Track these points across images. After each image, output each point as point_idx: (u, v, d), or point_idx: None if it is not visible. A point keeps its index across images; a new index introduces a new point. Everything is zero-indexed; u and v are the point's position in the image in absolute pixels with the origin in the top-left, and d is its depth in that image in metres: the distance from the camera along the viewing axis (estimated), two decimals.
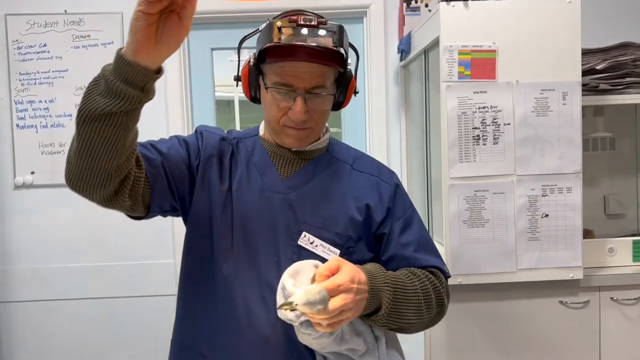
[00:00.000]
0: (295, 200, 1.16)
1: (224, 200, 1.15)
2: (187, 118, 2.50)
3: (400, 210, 1.21)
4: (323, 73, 1.10)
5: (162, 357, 1.13)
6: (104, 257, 2.48)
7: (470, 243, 1.84)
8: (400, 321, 1.09)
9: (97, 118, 0.91)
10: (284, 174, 1.19)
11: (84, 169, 0.95)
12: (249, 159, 1.20)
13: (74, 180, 0.98)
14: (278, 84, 1.10)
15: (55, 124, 2.44)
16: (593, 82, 1.98)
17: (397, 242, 1.18)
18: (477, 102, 1.81)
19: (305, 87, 1.09)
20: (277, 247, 1.13)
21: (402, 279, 1.11)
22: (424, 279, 1.15)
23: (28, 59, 2.42)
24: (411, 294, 1.10)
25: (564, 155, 1.84)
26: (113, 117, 0.91)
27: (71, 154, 0.97)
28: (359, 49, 1.24)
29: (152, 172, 1.09)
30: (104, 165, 0.94)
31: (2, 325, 2.49)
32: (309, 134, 1.17)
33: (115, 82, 0.91)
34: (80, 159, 0.95)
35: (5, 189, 2.47)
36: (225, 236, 1.13)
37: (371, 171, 1.24)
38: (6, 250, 2.48)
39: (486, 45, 1.80)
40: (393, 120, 2.51)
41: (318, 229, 1.14)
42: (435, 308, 1.17)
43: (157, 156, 1.11)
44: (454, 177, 1.83)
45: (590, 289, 1.92)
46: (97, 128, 0.91)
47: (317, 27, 1.06)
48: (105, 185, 0.97)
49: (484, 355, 1.93)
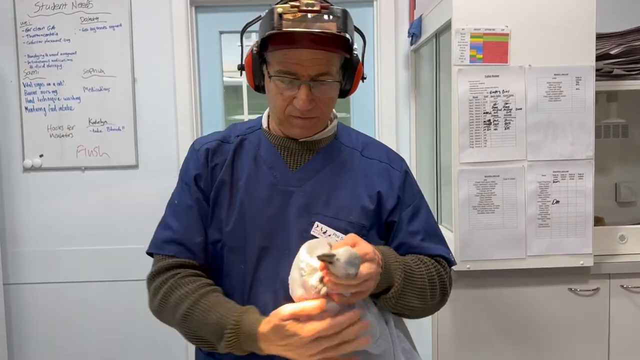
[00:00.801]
0: (307, 193, 1.14)
1: (234, 201, 1.14)
2: (195, 105, 2.49)
3: (409, 198, 1.20)
4: (328, 59, 1.07)
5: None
6: (112, 240, 2.49)
7: (479, 229, 1.82)
8: (405, 304, 1.09)
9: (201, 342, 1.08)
10: (293, 166, 1.17)
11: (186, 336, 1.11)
12: (256, 154, 1.17)
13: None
14: (281, 72, 1.07)
15: (63, 107, 2.44)
16: (607, 67, 1.95)
17: (406, 231, 1.18)
18: (489, 87, 1.79)
19: (309, 74, 1.06)
20: (290, 241, 1.12)
21: (410, 264, 1.11)
22: (430, 266, 1.15)
23: (36, 41, 2.42)
24: (418, 279, 1.11)
25: (576, 141, 1.81)
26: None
27: (171, 321, 1.12)
28: (368, 33, 1.22)
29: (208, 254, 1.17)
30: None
31: (12, 306, 2.51)
32: (315, 123, 1.14)
33: (234, 345, 1.02)
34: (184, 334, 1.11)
35: (15, 171, 2.48)
36: (237, 234, 1.12)
37: (381, 157, 1.22)
38: (15, 232, 2.49)
39: (499, 28, 1.78)
40: (403, 105, 2.48)
41: (330, 218, 1.13)
42: (438, 296, 1.17)
43: (201, 249, 1.15)
44: (464, 162, 1.81)
45: (601, 276, 1.90)
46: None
47: (320, 12, 1.02)
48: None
49: (492, 342, 1.92)
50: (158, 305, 1.11)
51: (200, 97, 2.55)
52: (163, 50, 2.45)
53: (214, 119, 2.56)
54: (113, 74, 2.43)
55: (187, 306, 1.06)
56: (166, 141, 2.45)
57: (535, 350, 1.92)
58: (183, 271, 1.11)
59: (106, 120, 2.44)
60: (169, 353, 2.49)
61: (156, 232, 1.18)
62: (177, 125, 2.46)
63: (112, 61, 2.43)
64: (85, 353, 2.53)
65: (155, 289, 1.12)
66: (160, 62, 2.45)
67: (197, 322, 1.05)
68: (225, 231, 1.12)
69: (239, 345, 1.01)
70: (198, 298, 1.06)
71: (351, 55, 1.12)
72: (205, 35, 2.54)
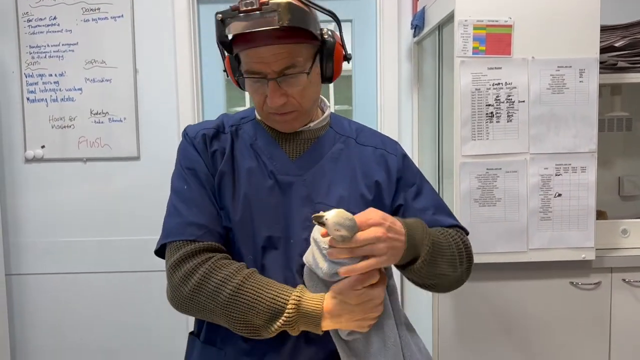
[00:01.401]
0: (308, 182, 1.14)
1: (238, 191, 1.13)
2: (196, 96, 2.48)
3: (410, 179, 1.21)
4: (290, 52, 1.04)
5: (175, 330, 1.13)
6: (114, 231, 2.49)
7: (481, 222, 1.82)
8: (436, 272, 1.10)
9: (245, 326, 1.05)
10: (292, 155, 1.16)
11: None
12: (253, 144, 1.17)
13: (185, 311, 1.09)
14: (248, 73, 1.07)
15: (65, 98, 2.44)
16: (611, 59, 1.93)
17: (414, 209, 1.18)
18: (492, 79, 1.78)
19: (274, 70, 1.04)
20: (294, 229, 1.12)
21: (436, 233, 1.11)
22: (455, 234, 1.17)
23: (38, 31, 2.41)
24: (446, 247, 1.11)
25: (579, 133, 1.80)
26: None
27: (210, 307, 1.05)
28: (371, 25, 1.21)
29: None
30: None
31: (13, 297, 2.52)
32: (296, 116, 1.13)
33: (291, 324, 1.02)
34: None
35: (16, 162, 2.48)
36: (245, 223, 1.11)
37: (376, 144, 1.22)
38: (17, 223, 2.50)
39: (502, 20, 1.76)
40: (405, 97, 2.47)
41: (333, 207, 1.12)
42: (466, 263, 1.18)
43: (223, 232, 1.13)
44: (466, 154, 1.80)
45: (602, 270, 1.89)
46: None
47: (261, 9, 1.00)
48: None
49: (493, 335, 1.92)
50: (192, 292, 1.04)
51: (201, 89, 2.54)
52: (165, 42, 2.44)
53: (216, 111, 2.55)
54: (115, 65, 2.43)
55: (233, 288, 1.02)
56: (168, 132, 2.45)
57: (536, 343, 1.92)
58: (218, 254, 1.07)
59: (108, 111, 2.44)
60: (171, 343, 2.50)
61: (167, 221, 1.12)
62: (178, 117, 2.46)
63: (114, 52, 2.42)
64: (87, 343, 2.54)
65: (186, 274, 1.04)
66: (162, 54, 2.44)
67: (246, 304, 1.01)
68: (235, 221, 1.11)
69: (295, 324, 1.02)
70: (244, 279, 1.03)
71: (322, 40, 1.10)
72: (207, 26, 2.53)
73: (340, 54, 1.13)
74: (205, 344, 1.16)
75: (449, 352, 1.92)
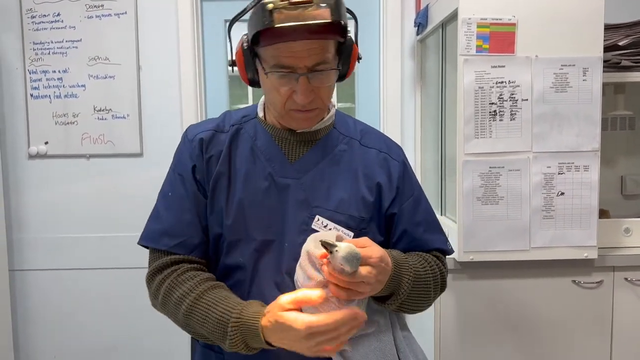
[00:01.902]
0: (307, 185, 1.12)
1: (232, 193, 1.12)
2: (199, 94, 2.48)
3: (409, 189, 1.19)
4: (323, 47, 1.03)
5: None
6: (117, 228, 2.50)
7: (483, 220, 1.82)
8: (409, 307, 1.11)
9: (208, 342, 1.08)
10: (291, 157, 1.14)
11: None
12: (252, 145, 1.15)
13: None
14: (277, 67, 1.03)
15: (68, 94, 2.44)
16: (615, 58, 1.93)
17: (408, 222, 1.17)
18: (495, 77, 1.78)
19: (306, 65, 1.02)
20: (290, 234, 1.10)
21: (419, 269, 1.11)
22: (434, 265, 1.17)
23: (42, 28, 2.41)
24: (423, 283, 1.12)
25: (582, 132, 1.80)
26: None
27: (176, 322, 1.10)
28: (374, 23, 1.20)
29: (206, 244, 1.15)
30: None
31: (16, 293, 2.53)
32: (317, 114, 1.12)
33: (238, 344, 1.00)
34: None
35: (20, 158, 2.49)
36: (237, 227, 1.10)
37: (380, 147, 1.20)
38: (20, 219, 2.51)
39: (506, 18, 1.76)
40: (408, 95, 2.47)
41: (331, 212, 1.11)
42: (439, 291, 1.20)
43: (197, 243, 1.13)
44: (469, 153, 1.80)
45: (605, 269, 1.89)
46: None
47: (312, 1, 0.97)
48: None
49: (494, 333, 1.92)
50: (160, 306, 1.10)
51: (205, 86, 2.54)
52: (168, 39, 2.44)
53: (219, 108, 2.55)
54: (118, 61, 2.43)
55: (187, 305, 1.03)
56: (171, 129, 2.45)
57: (537, 342, 1.92)
58: (182, 267, 1.08)
59: (111, 108, 2.45)
60: (173, 341, 2.50)
61: (148, 223, 1.16)
62: (181, 114, 2.46)
63: (117, 49, 2.42)
64: (89, 340, 2.54)
65: (156, 289, 1.10)
66: (165, 51, 2.44)
67: (199, 322, 1.02)
68: (226, 225, 1.10)
69: (243, 343, 0.98)
70: (198, 296, 1.03)
71: (345, 38, 1.09)
72: (210, 23, 2.53)
73: (356, 53, 1.13)
74: (205, 347, 1.17)
75: (450, 351, 1.93)
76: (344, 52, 1.10)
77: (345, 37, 1.08)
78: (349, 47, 1.10)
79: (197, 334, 1.06)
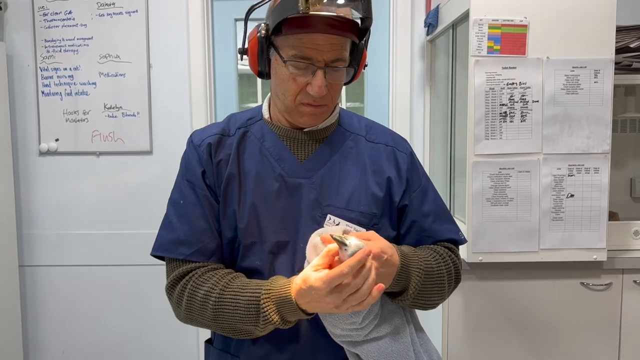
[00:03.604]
0: (317, 184, 1.12)
1: (244, 196, 1.11)
2: (209, 92, 2.49)
3: (417, 180, 1.19)
4: (342, 44, 1.04)
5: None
6: (126, 225, 2.51)
7: (493, 221, 1.82)
8: (424, 302, 1.10)
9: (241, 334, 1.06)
10: (300, 157, 1.14)
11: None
12: (260, 147, 1.14)
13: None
14: (297, 57, 1.03)
15: (79, 92, 2.46)
16: (626, 60, 1.93)
17: (416, 213, 1.17)
18: (506, 78, 1.78)
19: (325, 59, 1.02)
20: (303, 233, 1.10)
21: (430, 262, 1.11)
22: (447, 257, 1.15)
23: (53, 26, 2.43)
24: (437, 277, 1.11)
25: (593, 134, 1.80)
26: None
27: (205, 323, 1.07)
28: (384, 23, 1.20)
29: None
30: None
31: (26, 288, 2.55)
32: (324, 110, 1.11)
33: (273, 318, 1.00)
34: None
35: (30, 155, 2.51)
36: (251, 230, 1.10)
37: (386, 141, 1.20)
38: (31, 215, 2.52)
39: (517, 19, 1.76)
40: (417, 96, 2.47)
41: (342, 209, 1.11)
42: (453, 284, 1.18)
43: (214, 250, 1.11)
44: (479, 154, 1.80)
45: (613, 271, 1.89)
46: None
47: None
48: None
49: (502, 334, 1.92)
50: (186, 312, 1.08)
51: (214, 84, 2.55)
52: (178, 37, 2.45)
53: (228, 106, 2.56)
54: (129, 59, 2.44)
55: (214, 300, 1.03)
56: (180, 127, 2.46)
57: (545, 343, 1.92)
58: (199, 270, 1.08)
59: (121, 105, 2.46)
60: (180, 337, 2.52)
61: (161, 233, 1.13)
62: (191, 112, 2.47)
63: (128, 47, 2.44)
64: (98, 335, 2.56)
65: (179, 297, 1.08)
66: (176, 49, 2.45)
67: (230, 312, 1.02)
68: (240, 228, 1.10)
69: (278, 315, 0.98)
70: (223, 288, 1.04)
71: (362, 41, 1.09)
72: (220, 22, 2.54)
73: (364, 59, 1.13)
74: (220, 351, 1.17)
75: (458, 351, 1.93)
76: (356, 55, 1.10)
77: (364, 39, 1.09)
78: (360, 50, 1.11)
79: (228, 328, 1.04)
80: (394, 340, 1.08)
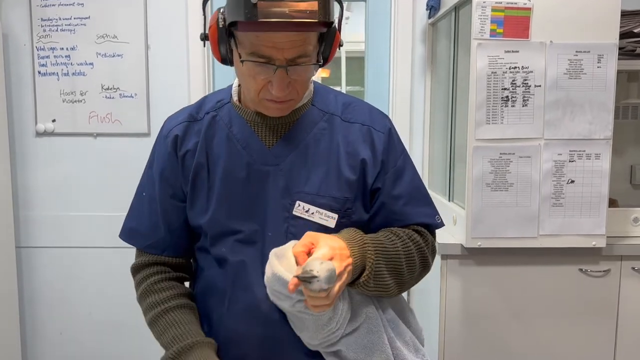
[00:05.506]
0: (286, 170, 1.08)
1: (212, 185, 1.10)
2: (207, 73, 2.47)
3: (392, 161, 1.13)
4: (304, 40, 0.97)
5: None
6: (124, 207, 2.47)
7: (492, 206, 1.81)
8: (379, 284, 1.05)
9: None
10: (268, 143, 1.10)
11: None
12: (228, 133, 1.11)
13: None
14: (255, 56, 0.96)
15: (76, 72, 2.43)
16: (630, 45, 1.90)
17: (387, 195, 1.12)
18: (508, 62, 1.75)
19: (285, 57, 0.96)
20: (272, 222, 1.08)
21: (381, 240, 1.06)
22: (407, 239, 1.10)
23: (50, 4, 2.39)
24: (392, 255, 1.06)
25: (595, 120, 1.79)
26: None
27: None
28: (385, 6, 1.15)
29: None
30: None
31: (23, 269, 2.54)
32: (291, 105, 1.07)
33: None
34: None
35: (27, 136, 2.48)
36: (219, 220, 1.09)
37: (363, 120, 1.14)
38: (27, 196, 2.51)
39: (521, 2, 1.73)
40: (418, 80, 2.45)
41: (313, 195, 1.08)
42: (418, 269, 1.13)
43: (169, 244, 1.19)
44: (479, 138, 1.79)
45: (612, 257, 1.89)
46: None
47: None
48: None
49: (500, 319, 1.92)
50: (138, 301, 1.20)
51: (213, 66, 2.52)
52: (177, 18, 2.42)
53: None
54: (126, 40, 2.41)
55: (152, 316, 1.14)
56: (178, 109, 2.43)
57: (543, 329, 1.92)
58: (159, 276, 1.16)
59: (119, 87, 2.43)
60: None
61: (126, 218, 1.23)
62: (189, 94, 2.44)
63: (126, 27, 2.40)
64: (94, 318, 2.56)
65: (136, 284, 1.20)
66: (174, 30, 2.42)
67: (157, 334, 1.14)
68: (207, 218, 1.09)
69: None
70: (163, 311, 1.13)
71: (329, 28, 1.01)
72: (219, 2, 2.50)
73: (338, 40, 1.06)
74: None
75: (455, 336, 1.93)
76: (326, 40, 1.03)
77: (330, 26, 1.01)
78: (332, 34, 1.03)
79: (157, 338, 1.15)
80: (369, 330, 1.07)
